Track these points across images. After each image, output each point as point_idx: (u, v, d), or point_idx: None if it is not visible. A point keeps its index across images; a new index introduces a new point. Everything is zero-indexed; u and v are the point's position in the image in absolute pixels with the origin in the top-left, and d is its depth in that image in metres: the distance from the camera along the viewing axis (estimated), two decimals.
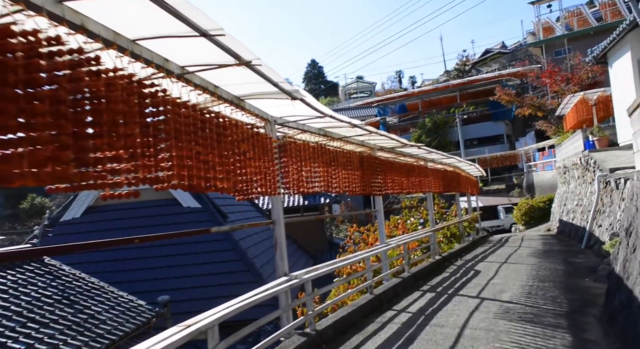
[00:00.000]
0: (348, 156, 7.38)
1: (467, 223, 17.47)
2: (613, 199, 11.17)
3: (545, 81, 22.62)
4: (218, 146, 4.02)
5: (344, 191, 7.13)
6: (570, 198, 18.64)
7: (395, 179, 9.39)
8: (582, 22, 34.87)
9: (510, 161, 36.08)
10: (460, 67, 62.05)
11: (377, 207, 8.82)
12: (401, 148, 9.73)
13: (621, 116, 13.42)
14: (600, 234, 11.54)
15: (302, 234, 24.17)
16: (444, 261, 11.15)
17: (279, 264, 5.39)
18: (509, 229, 29.04)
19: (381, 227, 8.76)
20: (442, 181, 13.37)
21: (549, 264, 10.01)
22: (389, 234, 13.89)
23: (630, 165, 12.36)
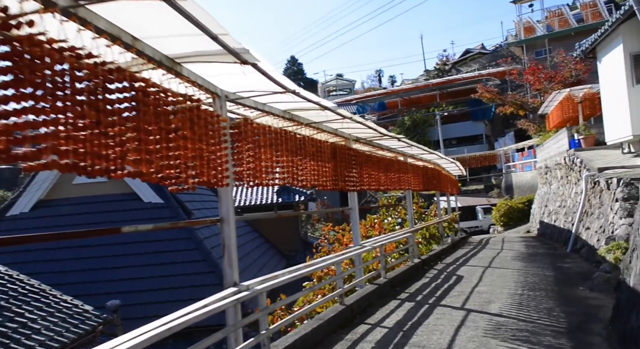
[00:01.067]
0: (318, 146, 6.40)
1: (447, 224, 16.71)
2: (603, 200, 10.47)
3: (529, 78, 22.07)
4: (134, 117, 3.01)
5: (312, 185, 6.16)
6: (552, 199, 18.06)
7: (372, 174, 8.46)
8: (563, 23, 34.68)
9: (489, 161, 35.68)
10: (440, 67, 61.83)
11: (351, 204, 7.87)
12: (379, 140, 8.80)
13: (610, 113, 12.79)
14: (589, 237, 10.84)
15: (276, 233, 23.22)
16: (424, 265, 10.28)
17: (227, 272, 4.38)
18: (487, 230, 28.53)
19: (355, 227, 7.81)
20: (422, 179, 12.51)
21: (536, 270, 9.23)
22: (365, 235, 13.01)
23: (619, 165, 11.71)
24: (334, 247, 12.92)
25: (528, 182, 28.93)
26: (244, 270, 15.03)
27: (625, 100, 11.57)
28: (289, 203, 24.78)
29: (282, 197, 24.86)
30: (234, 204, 4.49)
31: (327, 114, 5.91)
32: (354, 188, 7.41)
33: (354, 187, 7.39)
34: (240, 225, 20.02)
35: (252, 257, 17.43)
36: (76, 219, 13.02)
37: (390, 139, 8.75)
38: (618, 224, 8.48)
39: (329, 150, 6.79)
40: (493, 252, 12.64)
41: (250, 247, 18.52)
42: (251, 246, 18.76)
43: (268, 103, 5.23)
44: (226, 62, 3.65)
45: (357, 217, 7.85)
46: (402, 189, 10.55)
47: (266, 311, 4.33)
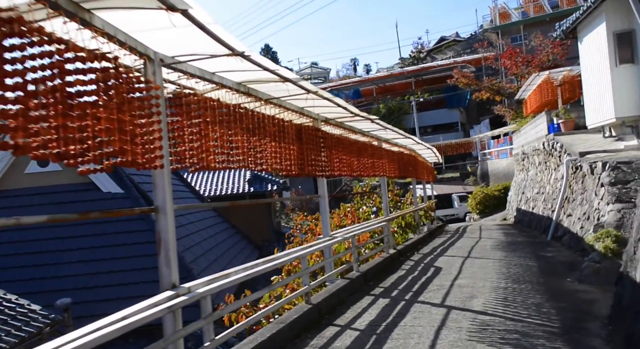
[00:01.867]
0: (281, 125, 5.64)
1: (423, 212, 16.18)
2: (586, 186, 10.01)
3: (506, 62, 21.63)
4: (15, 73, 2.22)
5: (273, 169, 5.41)
6: (529, 186, 17.71)
7: (343, 158, 7.75)
8: (538, 9, 34.49)
9: (464, 148, 35.45)
10: (416, 55, 61.32)
11: (321, 192, 7.15)
12: (351, 121, 8.07)
13: (591, 95, 12.35)
14: (571, 224, 10.39)
15: (247, 223, 22.46)
16: (400, 256, 9.66)
17: (164, 273, 3.60)
18: (463, 218, 28.29)
19: (325, 216, 7.09)
20: (397, 165, 11.87)
21: (518, 260, 8.70)
22: (339, 224, 12.35)
23: (601, 149, 11.28)
24: (307, 238, 12.28)
25: (504, 169, 28.74)
26: (212, 262, 14.26)
27: (608, 81, 11.11)
28: (260, 193, 24.06)
29: (253, 186, 24.12)
30: (171, 190, 3.70)
31: (289, 88, 5.14)
32: (323, 174, 6.68)
33: (323, 172, 6.66)
34: (210, 215, 19.19)
35: (221, 248, 16.65)
36: (27, 212, 11.97)
37: (363, 120, 8.02)
38: (605, 210, 7.99)
39: (293, 131, 6.03)
40: (471, 241, 12.14)
41: (220, 238, 17.74)
42: (221, 236, 17.96)
43: (218, 72, 4.44)
44: (147, 7, 2.85)
45: (327, 206, 7.13)
46: (376, 175, 9.88)
47: (210, 319, 3.58)
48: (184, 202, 17.34)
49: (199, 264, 13.14)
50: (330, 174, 7.06)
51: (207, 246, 15.14)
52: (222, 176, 25.03)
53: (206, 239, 15.90)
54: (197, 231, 15.54)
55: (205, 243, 15.38)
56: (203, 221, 17.54)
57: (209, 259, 14.17)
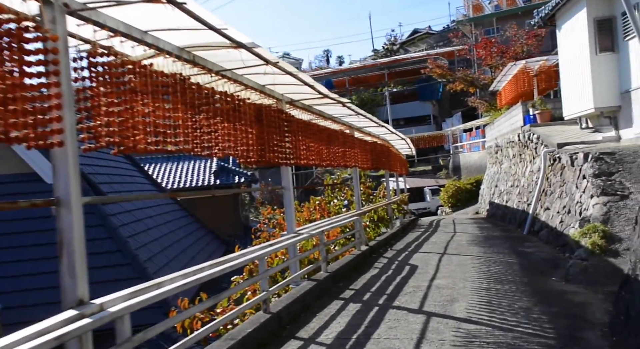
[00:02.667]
0: (236, 104, 4.82)
1: (396, 206, 15.60)
2: (565, 178, 9.53)
3: (480, 53, 21.24)
4: None
5: (226, 154, 4.59)
6: (503, 179, 17.35)
7: (311, 146, 6.97)
8: (511, 2, 34.42)
9: (437, 141, 35.20)
10: (389, 47, 60.94)
11: (284, 182, 6.37)
12: (320, 105, 7.30)
13: (569, 85, 11.92)
14: (549, 218, 9.92)
15: (214, 217, 21.54)
16: (372, 253, 8.98)
17: (67, 285, 2.73)
18: (435, 211, 27.98)
19: (289, 210, 6.31)
20: (370, 155, 11.19)
21: (497, 256, 8.14)
22: (309, 218, 11.61)
23: (579, 140, 10.86)
24: (275, 233, 11.58)
25: (475, 162, 28.54)
26: (172, 259, 13.31)
27: (587, 70, 10.66)
28: (227, 185, 23.16)
29: (220, 178, 23.21)
30: (79, 176, 2.86)
31: (244, 58, 4.33)
32: (287, 162, 5.90)
33: (287, 160, 5.87)
34: (172, 209, 18.19)
35: (183, 244, 15.68)
36: None
37: (334, 104, 7.26)
38: (589, 204, 7.48)
39: (252, 111, 5.22)
40: (446, 236, 11.58)
41: (183, 232, 16.76)
42: (184, 231, 16.98)
43: (152, 31, 3.59)
44: None
45: (292, 199, 6.36)
46: (347, 166, 9.15)
47: (129, 345, 2.75)
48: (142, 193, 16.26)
49: (156, 262, 12.21)
50: (296, 163, 6.28)
51: (167, 242, 14.18)
52: (187, 167, 23.97)
53: (166, 234, 14.90)
54: (155, 226, 14.55)
55: (165, 239, 14.40)
56: (163, 215, 16.52)
57: (168, 256, 13.23)
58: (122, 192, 14.58)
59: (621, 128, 10.42)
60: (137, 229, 12.97)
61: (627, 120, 10.09)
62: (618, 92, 10.37)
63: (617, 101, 10.39)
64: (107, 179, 14.56)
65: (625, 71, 10.03)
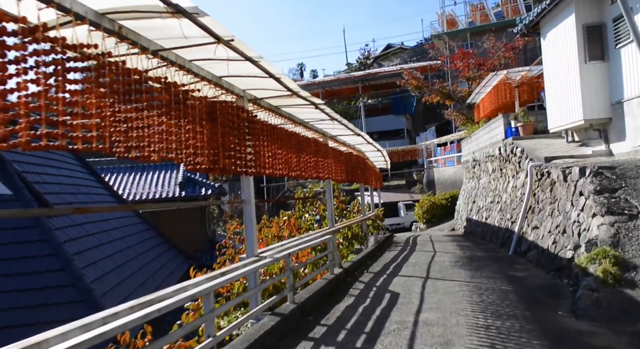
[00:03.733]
0: (179, 96, 3.77)
1: (371, 221, 14.67)
2: (557, 194, 8.76)
3: (457, 64, 20.73)
4: None
5: (164, 158, 3.52)
6: (481, 194, 16.66)
7: (278, 153, 5.95)
8: (484, 18, 34.49)
9: (410, 155, 34.67)
10: (363, 61, 60.77)
11: (245, 195, 5.30)
12: (289, 107, 6.31)
13: (555, 96, 11.28)
14: (539, 238, 9.11)
15: (178, 232, 20.22)
16: (347, 276, 7.95)
17: None
18: (409, 227, 27.22)
19: (250, 229, 5.23)
20: (345, 167, 10.23)
21: (487, 282, 7.22)
22: (277, 235, 10.56)
23: (568, 154, 10.16)
24: (241, 249, 10.49)
25: (450, 177, 28.00)
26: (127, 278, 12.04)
27: (576, 80, 10.02)
28: (193, 197, 21.89)
29: (185, 190, 21.95)
30: None
31: (187, 33, 3.30)
32: (247, 170, 4.84)
33: (247, 169, 4.82)
34: (133, 222, 16.83)
35: (142, 261, 14.36)
36: None
37: (305, 106, 6.27)
38: (591, 224, 6.66)
39: (204, 107, 4.17)
40: (426, 255, 10.65)
41: (142, 248, 15.43)
42: (144, 246, 15.63)
43: None
44: None
45: (253, 214, 5.28)
46: (320, 177, 8.15)
47: None
48: (91, 204, 14.88)
49: (107, 282, 10.93)
50: (259, 172, 5.23)
51: (122, 258, 12.85)
52: (151, 177, 22.62)
53: (122, 250, 13.59)
54: (110, 241, 13.23)
55: (120, 256, 13.08)
56: (121, 229, 15.19)
57: (121, 275, 11.92)
58: (74, 204, 13.20)
59: (612, 142, 9.77)
60: (87, 244, 11.71)
61: (619, 133, 9.45)
62: (609, 103, 9.75)
63: (607, 113, 9.75)
64: (58, 188, 13.21)
65: (617, 81, 9.42)
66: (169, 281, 14.46)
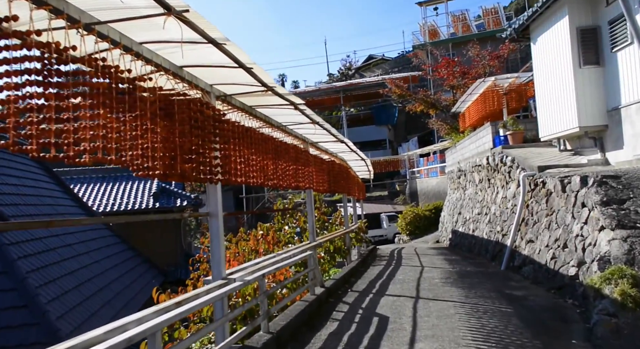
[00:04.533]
0: (126, 86, 3.01)
1: (354, 234, 13.93)
2: (554, 206, 8.17)
3: (442, 73, 20.31)
4: None
5: (99, 160, 2.74)
6: (467, 206, 16.10)
7: (252, 159, 5.20)
8: (466, 28, 34.47)
9: (393, 166, 34.17)
10: (344, 72, 60.53)
11: (211, 207, 4.52)
12: (265, 107, 5.57)
13: (546, 103, 10.79)
14: (534, 252, 8.50)
15: (152, 245, 19.19)
16: (329, 296, 7.18)
17: None
18: (392, 239, 26.58)
19: (217, 247, 4.43)
20: (327, 177, 9.51)
21: (485, 302, 6.54)
22: (255, 249, 9.73)
23: (562, 163, 9.64)
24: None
25: (434, 188, 27.53)
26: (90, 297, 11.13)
27: (570, 85, 9.53)
28: (168, 208, 20.92)
29: (160, 201, 20.95)
30: None
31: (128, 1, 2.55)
32: (214, 177, 4.08)
33: (213, 175, 4.06)
34: (102, 235, 15.83)
35: (109, 277, 13.38)
36: None
37: (284, 106, 5.54)
38: (597, 238, 6.05)
39: (158, 100, 3.41)
40: (413, 271, 9.96)
41: (111, 262, 14.45)
42: (113, 261, 14.65)
43: None
44: None
45: (221, 229, 4.50)
46: (300, 187, 7.39)
47: None
48: (48, 217, 13.85)
49: (66, 302, 9.98)
50: (229, 180, 4.47)
51: (87, 275, 11.89)
52: (123, 188, 21.58)
53: (87, 266, 12.62)
54: (74, 256, 12.27)
55: (84, 272, 12.11)
56: (88, 242, 14.24)
57: (84, 293, 10.97)
58: (35, 216, 12.21)
59: (608, 150, 9.28)
60: (47, 260, 10.76)
61: (616, 141, 8.96)
62: (604, 110, 9.27)
63: (603, 120, 9.27)
64: (18, 199, 12.21)
65: (613, 86, 8.94)
66: (139, 297, 13.50)
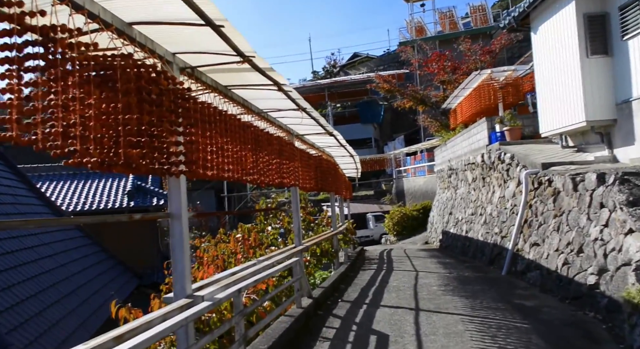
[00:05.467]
0: (38, 37, 2.10)
1: (342, 236, 13.10)
2: (563, 206, 7.43)
3: (432, 67, 19.60)
4: None
5: None
6: (459, 206, 15.40)
7: (228, 149, 4.30)
8: (453, 26, 33.94)
9: (379, 165, 33.45)
10: (329, 69, 59.71)
11: (173, 206, 3.60)
12: (241, 87, 4.68)
13: (549, 97, 10.09)
14: (541, 257, 7.75)
15: (127, 246, 18.08)
16: (317, 308, 6.31)
17: None
18: (378, 240, 25.82)
19: (179, 257, 3.52)
20: (315, 173, 8.64)
21: (494, 315, 5.75)
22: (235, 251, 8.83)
23: (567, 160, 8.93)
24: (192, 270, 8.72)
25: (421, 188, 26.86)
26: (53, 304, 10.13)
27: (576, 77, 8.82)
28: (143, 208, 19.81)
29: (135, 200, 19.86)
30: None
31: None
32: (174, 169, 3.18)
33: (173, 166, 3.16)
34: (71, 236, 14.75)
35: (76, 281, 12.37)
36: None
37: (266, 86, 4.65)
38: (628, 244, 5.29)
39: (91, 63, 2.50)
40: (408, 276, 9.16)
41: (80, 266, 13.41)
42: (82, 264, 13.62)
43: None
44: None
45: (185, 234, 3.60)
46: (284, 184, 6.50)
47: None
48: (32, 218, 12.80)
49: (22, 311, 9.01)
50: (195, 172, 3.57)
51: (50, 280, 10.87)
52: (96, 186, 20.40)
53: (51, 270, 11.60)
54: (35, 260, 11.23)
55: (47, 276, 11.10)
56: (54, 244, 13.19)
57: (45, 301, 9.99)
58: None
59: (617, 146, 8.58)
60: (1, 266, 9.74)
61: (626, 136, 8.26)
62: (613, 103, 8.57)
63: (612, 114, 8.57)
64: None
65: (624, 77, 8.24)
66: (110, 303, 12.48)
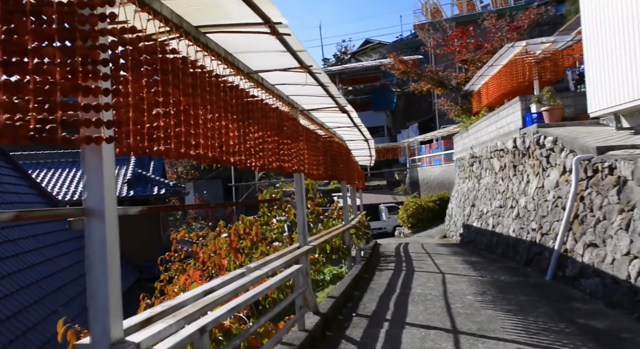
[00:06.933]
0: None
1: (354, 230, 11.73)
2: (633, 198, 5.98)
3: (453, 46, 18.01)
4: None
5: None
6: (484, 197, 13.94)
7: (201, 116, 2.93)
8: (471, 7, 32.20)
9: (392, 154, 31.99)
10: (340, 56, 58.08)
11: (91, 198, 2.21)
12: (220, 29, 3.30)
13: (600, 70, 8.58)
14: (600, 260, 6.32)
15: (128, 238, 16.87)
16: (326, 327, 4.96)
17: None
18: (392, 232, 24.44)
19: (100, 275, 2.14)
20: (324, 157, 7.26)
21: (562, 344, 4.35)
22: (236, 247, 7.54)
23: (627, 143, 7.44)
24: (187, 267, 7.63)
25: (437, 177, 25.40)
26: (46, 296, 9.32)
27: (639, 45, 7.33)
28: (143, 197, 18.77)
29: (134, 189, 18.81)
30: None
31: None
32: (89, 136, 1.84)
33: (83, 127, 1.81)
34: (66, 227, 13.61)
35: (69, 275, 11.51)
36: None
37: (253, 26, 3.27)
38: None
39: None
40: (433, 280, 7.77)
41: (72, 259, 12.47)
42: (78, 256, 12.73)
43: None
44: None
45: (110, 240, 2.24)
46: (284, 169, 5.12)
47: None
48: (26, 208, 11.62)
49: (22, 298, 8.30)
50: (130, 146, 2.23)
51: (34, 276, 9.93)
52: None
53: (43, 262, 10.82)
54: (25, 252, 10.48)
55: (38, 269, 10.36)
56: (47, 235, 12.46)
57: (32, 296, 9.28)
58: None
59: None
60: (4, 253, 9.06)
61: None
62: None
63: None
64: None
65: None
66: None
